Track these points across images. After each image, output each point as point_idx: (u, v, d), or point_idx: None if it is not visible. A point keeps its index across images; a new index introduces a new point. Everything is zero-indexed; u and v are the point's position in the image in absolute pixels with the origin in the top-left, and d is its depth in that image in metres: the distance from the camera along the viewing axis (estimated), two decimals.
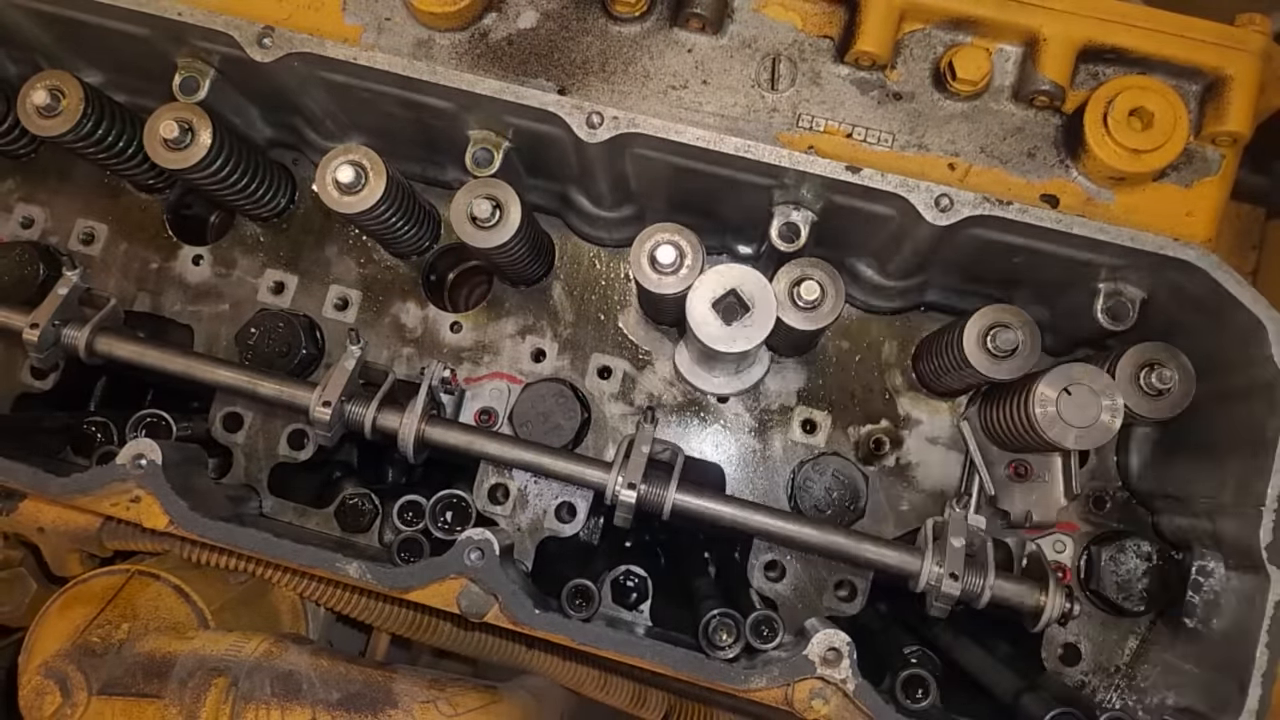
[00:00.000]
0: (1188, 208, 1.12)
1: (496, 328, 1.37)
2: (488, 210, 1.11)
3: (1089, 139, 1.08)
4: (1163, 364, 1.11)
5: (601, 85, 1.11)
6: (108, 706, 1.11)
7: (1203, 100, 1.13)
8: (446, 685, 1.15)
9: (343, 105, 1.21)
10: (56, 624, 1.18)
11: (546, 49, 1.12)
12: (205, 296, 1.40)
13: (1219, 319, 1.04)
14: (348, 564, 1.08)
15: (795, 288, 1.08)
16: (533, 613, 1.06)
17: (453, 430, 1.19)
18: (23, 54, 1.35)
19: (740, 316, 1.07)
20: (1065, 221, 1.01)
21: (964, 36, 1.11)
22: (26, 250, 1.36)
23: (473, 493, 1.30)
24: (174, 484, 1.10)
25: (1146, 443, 1.25)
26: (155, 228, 1.43)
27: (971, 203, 1.01)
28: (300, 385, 1.19)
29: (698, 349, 1.17)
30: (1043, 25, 1.09)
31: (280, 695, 1.11)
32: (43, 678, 1.12)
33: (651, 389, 1.33)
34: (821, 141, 1.09)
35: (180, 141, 1.15)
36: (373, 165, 1.13)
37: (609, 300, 1.36)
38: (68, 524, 1.25)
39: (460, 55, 1.12)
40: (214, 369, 1.20)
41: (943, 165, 1.10)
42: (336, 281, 1.39)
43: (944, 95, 1.12)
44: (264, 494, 1.36)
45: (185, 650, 1.15)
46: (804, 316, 1.09)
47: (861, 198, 1.04)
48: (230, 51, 1.11)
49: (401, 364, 1.37)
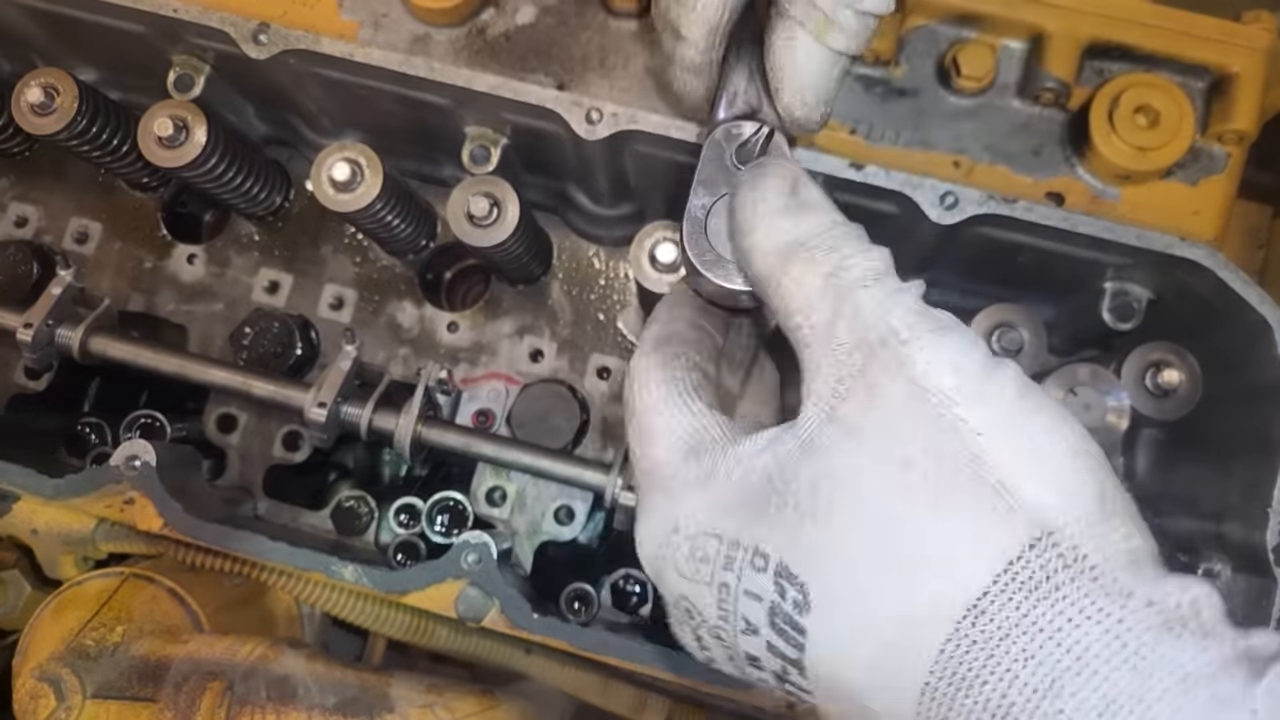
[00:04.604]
0: (1195, 206, 1.11)
1: (494, 327, 1.35)
2: (485, 208, 1.10)
3: (1094, 136, 1.07)
4: (1170, 364, 1.10)
5: (601, 81, 1.10)
6: (102, 710, 1.10)
7: (1209, 98, 1.12)
8: (444, 690, 1.15)
9: (339, 102, 1.19)
10: (50, 627, 1.17)
11: (545, 44, 1.11)
12: (199, 296, 1.39)
13: (1227, 319, 1.03)
14: (344, 567, 1.07)
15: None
16: (531, 617, 1.05)
17: (450, 432, 1.18)
18: (17, 51, 1.34)
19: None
20: (1071, 220, 1.00)
21: (968, 32, 1.11)
22: (20, 249, 1.35)
23: (470, 495, 1.30)
24: (168, 486, 1.09)
25: (1153, 444, 1.24)
26: (149, 226, 1.42)
27: (977, 200, 1.00)
28: (295, 386, 1.18)
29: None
30: (1048, 21, 1.08)
31: (276, 699, 1.11)
32: (37, 681, 1.11)
33: None
34: (824, 138, 1.08)
35: (175, 139, 1.14)
36: (369, 162, 1.12)
37: (608, 300, 1.35)
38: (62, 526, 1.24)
39: (457, 51, 1.11)
40: (208, 369, 1.19)
41: (947, 163, 1.09)
42: (332, 280, 1.38)
43: (948, 92, 1.11)
44: (259, 496, 1.35)
45: (180, 653, 1.14)
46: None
47: (865, 195, 1.03)
48: (225, 48, 1.10)
49: (398, 364, 1.36)
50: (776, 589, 0.63)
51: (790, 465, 0.65)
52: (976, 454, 0.59)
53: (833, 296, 0.66)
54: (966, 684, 0.55)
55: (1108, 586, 0.55)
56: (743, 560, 0.65)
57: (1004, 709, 0.54)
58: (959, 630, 0.56)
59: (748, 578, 0.65)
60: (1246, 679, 0.51)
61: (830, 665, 0.61)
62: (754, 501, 0.66)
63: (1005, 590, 0.55)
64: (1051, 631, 0.54)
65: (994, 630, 0.55)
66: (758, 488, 0.66)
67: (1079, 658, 0.53)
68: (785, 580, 0.62)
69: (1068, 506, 0.58)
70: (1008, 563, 0.56)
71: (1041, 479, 0.58)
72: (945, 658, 0.56)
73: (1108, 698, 0.51)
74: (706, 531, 0.68)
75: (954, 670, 0.56)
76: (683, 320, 0.81)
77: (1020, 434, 0.60)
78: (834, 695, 0.63)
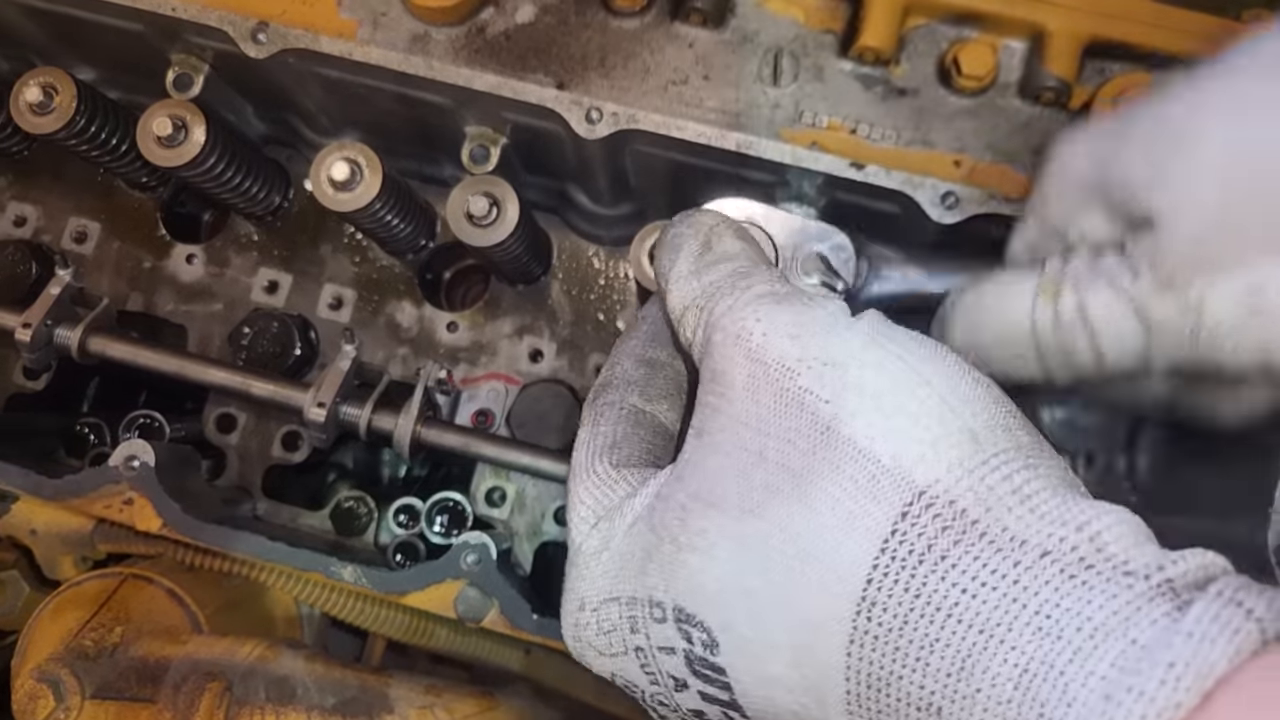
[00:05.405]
0: None
1: (493, 327, 1.35)
2: (485, 207, 1.10)
3: None
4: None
5: (601, 80, 1.10)
6: (101, 710, 1.10)
7: None
8: (443, 691, 1.14)
9: (338, 101, 1.19)
10: (49, 627, 1.17)
11: (545, 44, 1.10)
12: (199, 296, 1.39)
13: None
14: (342, 567, 1.07)
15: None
16: (531, 618, 1.05)
17: (449, 432, 1.18)
18: (15, 50, 1.33)
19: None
20: None
21: (969, 31, 1.10)
22: (19, 249, 1.35)
23: (469, 496, 1.29)
24: (167, 486, 1.09)
25: (1154, 444, 1.24)
26: (148, 226, 1.41)
27: (978, 200, 0.99)
28: (294, 386, 1.17)
29: None
30: (1049, 20, 1.08)
31: (275, 700, 1.10)
32: (36, 681, 1.10)
33: None
34: (824, 138, 1.07)
35: (173, 139, 1.14)
36: (368, 162, 1.12)
37: (608, 300, 1.35)
38: (61, 526, 1.24)
39: (457, 50, 1.10)
40: (207, 369, 1.19)
41: (948, 162, 1.08)
42: (331, 280, 1.37)
43: (949, 91, 1.10)
44: (258, 496, 1.35)
45: (179, 654, 1.14)
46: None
47: (865, 195, 1.03)
48: (224, 47, 1.10)
49: (397, 364, 1.35)
50: (682, 635, 0.58)
51: (665, 497, 0.61)
52: (827, 424, 0.54)
53: (703, 325, 0.64)
54: (882, 683, 0.51)
55: (997, 540, 0.49)
56: (643, 618, 0.61)
57: (924, 700, 0.49)
58: (856, 628, 0.51)
59: (655, 633, 0.60)
60: (1168, 616, 0.45)
61: (760, 698, 0.57)
62: (640, 550, 0.61)
63: (889, 573, 0.50)
64: (949, 609, 0.48)
65: (890, 620, 0.50)
66: (642, 535, 0.62)
67: (982, 630, 0.47)
68: (686, 624, 0.58)
69: (933, 458, 0.51)
70: (883, 540, 0.50)
71: (899, 434, 0.52)
72: (854, 660, 0.51)
73: (1019, 668, 0.46)
74: (606, 598, 0.63)
75: (866, 671, 0.51)
76: (629, 357, 0.76)
77: (867, 392, 0.54)
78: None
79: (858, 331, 0.57)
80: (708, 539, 0.57)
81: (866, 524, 0.51)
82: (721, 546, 0.56)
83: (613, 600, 0.63)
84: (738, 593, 0.55)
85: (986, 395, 0.55)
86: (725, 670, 0.57)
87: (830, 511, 0.52)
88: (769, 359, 0.57)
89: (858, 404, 0.54)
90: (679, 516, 0.59)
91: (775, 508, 0.54)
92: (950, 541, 0.49)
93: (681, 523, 0.59)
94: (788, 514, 0.54)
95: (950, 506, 0.50)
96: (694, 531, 0.58)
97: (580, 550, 0.66)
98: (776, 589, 0.54)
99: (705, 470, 0.59)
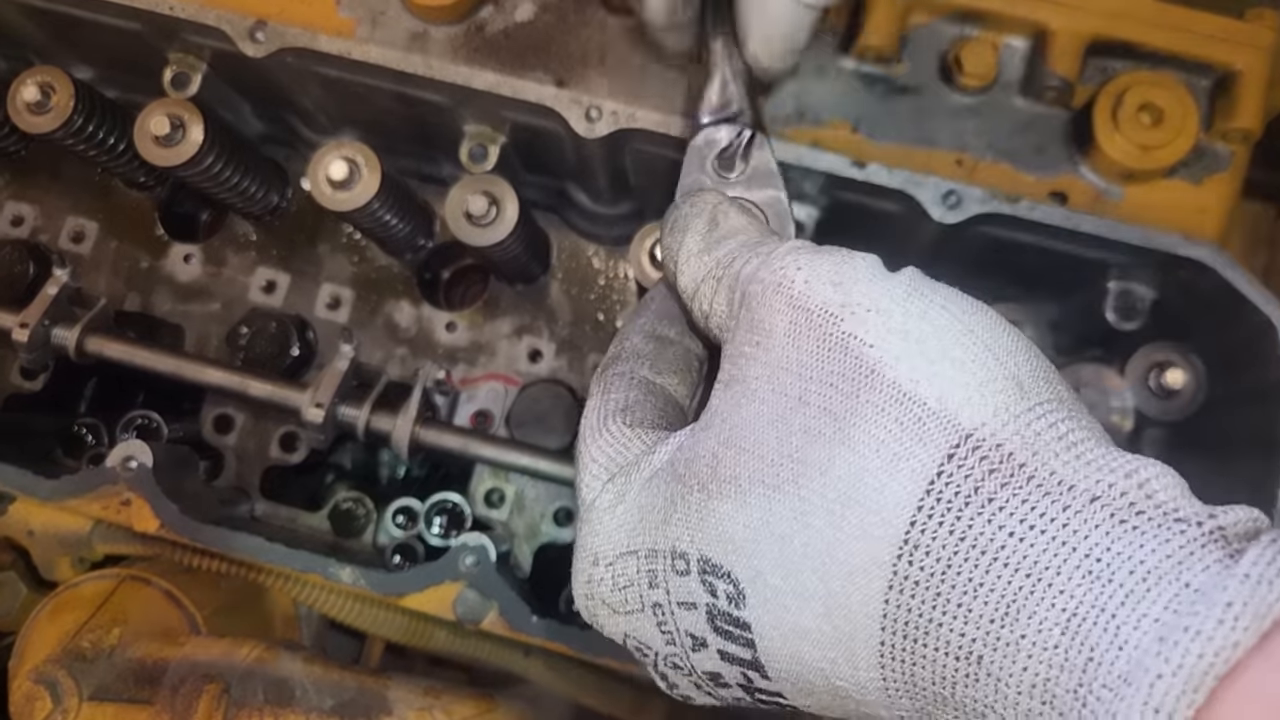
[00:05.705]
0: (1198, 204, 1.10)
1: (492, 327, 1.35)
2: (484, 207, 1.09)
3: (1098, 135, 1.06)
4: (1173, 365, 1.09)
5: (600, 79, 1.09)
6: (99, 712, 1.09)
7: (1213, 96, 1.11)
8: (442, 693, 1.14)
9: (336, 100, 1.19)
10: (47, 629, 1.16)
11: (544, 42, 1.10)
12: (196, 296, 1.38)
13: (1230, 319, 1.02)
14: (341, 569, 1.07)
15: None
16: (530, 619, 1.05)
17: (448, 433, 1.18)
18: (13, 49, 1.33)
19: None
20: (1074, 219, 1.00)
21: (971, 30, 1.10)
22: (16, 249, 1.35)
23: (468, 497, 1.29)
24: (165, 487, 1.09)
25: (1156, 444, 1.23)
26: (146, 225, 1.41)
27: (979, 199, 0.99)
28: (292, 386, 1.17)
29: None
30: (1051, 19, 1.08)
31: (273, 701, 1.10)
32: (33, 683, 1.10)
33: None
34: (826, 136, 1.07)
35: (171, 138, 1.13)
36: (366, 161, 1.11)
37: (608, 299, 1.34)
38: (58, 527, 1.24)
39: (456, 49, 1.10)
40: (204, 370, 1.19)
41: (950, 161, 1.08)
42: (329, 280, 1.37)
43: (951, 90, 1.10)
44: (256, 497, 1.34)
45: (177, 656, 1.13)
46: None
47: (867, 194, 1.03)
48: (222, 46, 1.09)
49: (395, 365, 1.35)
50: (706, 588, 0.57)
51: (690, 447, 0.60)
52: (872, 368, 0.53)
53: (725, 288, 0.64)
54: (920, 631, 0.49)
55: (1045, 484, 0.48)
56: (664, 570, 0.59)
57: (965, 648, 0.48)
58: (896, 573, 0.49)
59: (675, 587, 0.59)
60: (1220, 562, 0.44)
61: (785, 655, 0.55)
62: (663, 501, 0.60)
63: (934, 515, 0.49)
64: (994, 551, 0.47)
65: (933, 565, 0.49)
66: (665, 486, 0.61)
67: (1029, 574, 0.47)
68: (711, 575, 0.57)
69: (980, 401, 0.51)
70: (929, 482, 0.49)
71: (945, 379, 0.52)
72: (892, 607, 0.50)
73: (1068, 612, 0.45)
74: (623, 552, 0.62)
75: (904, 619, 0.50)
76: (638, 333, 0.75)
77: (912, 337, 0.54)
78: (801, 687, 0.56)
79: (899, 281, 0.58)
80: (740, 485, 0.56)
81: (911, 465, 0.50)
82: (755, 493, 0.55)
83: (630, 554, 0.61)
84: (770, 540, 0.54)
85: (1029, 349, 0.56)
86: (750, 625, 0.56)
87: (875, 454, 0.52)
88: (812, 305, 0.57)
89: (902, 348, 0.54)
90: (709, 464, 0.58)
91: (816, 451, 0.54)
92: (997, 484, 0.49)
93: (712, 470, 0.58)
94: (829, 457, 0.53)
95: (997, 450, 0.49)
96: (725, 479, 0.57)
97: (593, 506, 0.65)
98: (813, 533, 0.53)
99: (739, 418, 0.58)
